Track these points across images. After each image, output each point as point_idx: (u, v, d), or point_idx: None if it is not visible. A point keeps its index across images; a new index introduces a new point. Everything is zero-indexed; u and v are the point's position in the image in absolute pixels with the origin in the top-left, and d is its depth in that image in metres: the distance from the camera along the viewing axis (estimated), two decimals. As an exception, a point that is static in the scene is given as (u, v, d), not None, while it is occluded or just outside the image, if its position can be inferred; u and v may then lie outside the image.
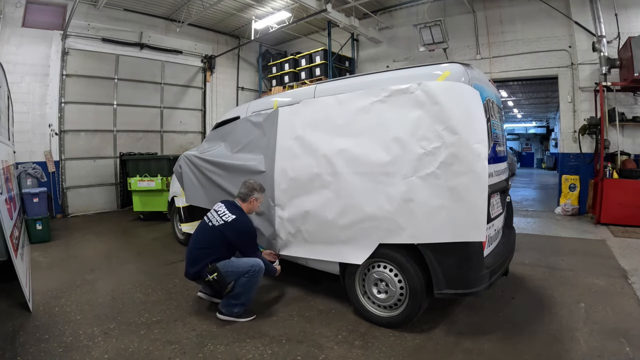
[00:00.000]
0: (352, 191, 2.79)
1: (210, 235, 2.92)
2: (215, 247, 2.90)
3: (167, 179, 6.61)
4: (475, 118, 2.38)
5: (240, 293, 2.86)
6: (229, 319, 2.86)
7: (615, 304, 3.11)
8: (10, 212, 3.76)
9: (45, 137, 7.45)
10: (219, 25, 9.90)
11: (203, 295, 3.27)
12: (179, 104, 9.63)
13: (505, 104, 16.04)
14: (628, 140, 6.68)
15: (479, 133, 2.34)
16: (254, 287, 2.93)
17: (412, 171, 2.50)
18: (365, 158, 2.73)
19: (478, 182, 2.29)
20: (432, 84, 2.49)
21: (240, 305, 2.88)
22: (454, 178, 2.34)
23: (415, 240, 2.54)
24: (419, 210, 2.47)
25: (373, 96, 2.74)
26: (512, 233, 3.46)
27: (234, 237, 2.90)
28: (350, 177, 2.81)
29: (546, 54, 7.36)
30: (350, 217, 2.81)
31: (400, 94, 2.61)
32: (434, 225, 2.42)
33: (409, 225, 2.51)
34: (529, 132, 25.31)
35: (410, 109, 2.54)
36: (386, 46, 9.33)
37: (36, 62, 7.24)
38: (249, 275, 2.86)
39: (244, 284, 2.86)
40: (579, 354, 2.38)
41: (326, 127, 2.99)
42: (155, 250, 5.13)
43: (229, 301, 2.90)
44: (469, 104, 2.41)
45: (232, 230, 2.89)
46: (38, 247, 5.20)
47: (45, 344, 2.54)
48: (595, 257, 4.46)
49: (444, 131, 2.38)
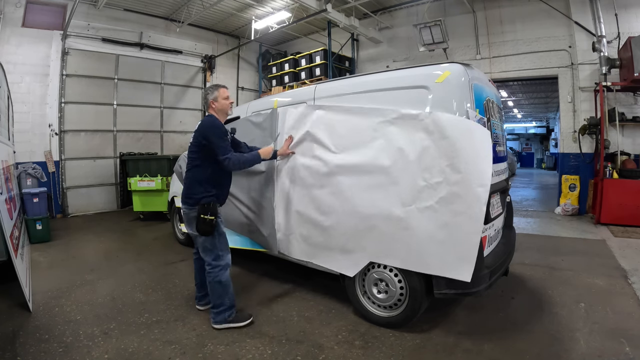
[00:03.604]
0: (349, 204, 2.78)
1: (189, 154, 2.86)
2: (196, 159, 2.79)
3: (167, 179, 6.61)
4: (482, 159, 2.30)
5: (218, 303, 2.75)
6: (225, 326, 2.76)
7: (615, 304, 3.11)
8: (10, 212, 3.77)
9: (45, 137, 7.45)
10: (219, 25, 9.90)
11: (202, 307, 3.12)
12: (179, 104, 9.63)
13: (505, 104, 16.05)
14: (628, 140, 6.68)
15: (483, 176, 2.26)
16: (226, 288, 2.78)
17: (411, 200, 2.47)
18: (366, 174, 2.70)
19: (474, 224, 2.27)
20: (444, 116, 2.40)
21: (228, 308, 2.77)
22: (451, 216, 2.32)
23: (404, 265, 2.56)
24: (412, 239, 2.48)
25: (381, 116, 2.66)
26: (512, 233, 3.46)
27: (201, 137, 2.73)
28: (349, 190, 2.79)
29: (546, 54, 7.36)
30: (345, 228, 2.82)
31: (409, 118, 2.53)
32: (425, 256, 2.44)
33: (401, 250, 2.54)
34: (529, 132, 25.33)
35: (417, 136, 2.47)
36: (386, 46, 9.34)
37: (36, 62, 7.24)
38: (211, 277, 2.75)
39: (213, 290, 2.76)
40: (579, 354, 2.38)
41: (328, 136, 2.95)
42: (155, 250, 5.13)
43: (215, 311, 2.78)
44: (477, 143, 2.34)
45: (199, 131, 2.77)
46: (38, 247, 5.20)
47: (45, 344, 2.54)
48: (595, 257, 4.46)
49: (448, 168, 2.33)
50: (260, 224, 3.48)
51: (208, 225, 2.67)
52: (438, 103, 2.53)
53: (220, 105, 2.90)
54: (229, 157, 2.73)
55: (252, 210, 3.57)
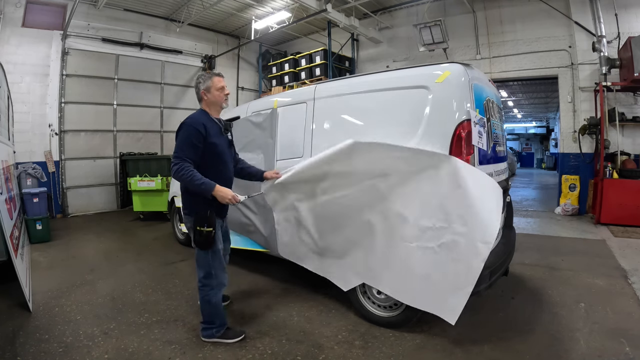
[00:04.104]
0: (349, 229, 2.74)
1: None
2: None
3: (167, 179, 6.62)
4: (489, 215, 2.28)
5: (207, 320, 2.58)
6: (214, 340, 2.57)
7: (615, 304, 3.11)
8: (10, 212, 3.77)
9: (45, 137, 7.45)
10: (219, 25, 9.90)
11: None
12: (179, 104, 9.64)
13: (505, 104, 16.05)
14: (628, 140, 6.68)
15: (488, 232, 2.22)
16: (215, 309, 2.56)
17: (412, 238, 2.44)
18: (371, 206, 2.63)
19: (468, 275, 2.25)
20: (462, 164, 2.35)
21: (217, 326, 2.58)
22: (449, 261, 2.31)
23: (394, 295, 2.58)
24: (407, 273, 2.47)
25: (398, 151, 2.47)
26: (512, 233, 3.45)
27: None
28: (348, 214, 2.74)
29: (546, 54, 7.36)
30: (342, 241, 2.80)
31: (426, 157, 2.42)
32: (416, 291, 2.45)
33: (394, 280, 2.55)
34: (529, 132, 25.33)
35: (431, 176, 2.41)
36: (386, 46, 9.33)
37: (36, 62, 7.24)
38: (200, 295, 2.56)
39: (202, 307, 2.60)
40: (579, 354, 2.38)
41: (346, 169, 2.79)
42: (155, 250, 5.13)
43: (204, 326, 2.61)
44: (489, 199, 2.34)
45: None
46: (38, 247, 5.20)
47: (45, 344, 2.53)
48: (595, 257, 4.46)
49: (455, 217, 2.29)
50: (260, 224, 3.48)
51: (204, 238, 2.39)
52: (438, 103, 2.54)
53: (212, 97, 2.53)
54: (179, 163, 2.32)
55: (252, 210, 3.57)
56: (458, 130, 2.45)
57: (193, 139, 2.37)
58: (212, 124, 2.53)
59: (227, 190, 2.42)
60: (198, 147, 2.39)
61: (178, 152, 2.35)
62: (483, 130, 2.59)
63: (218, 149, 2.51)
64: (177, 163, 2.33)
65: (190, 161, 2.36)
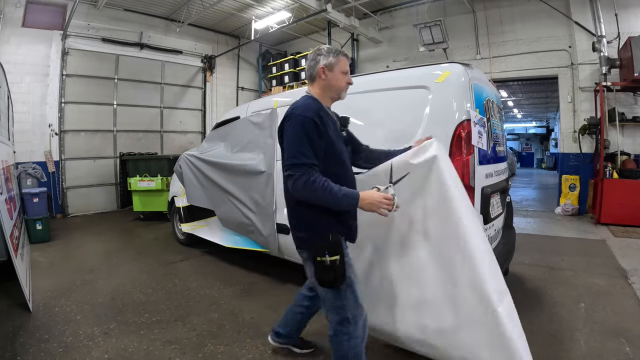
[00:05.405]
0: None
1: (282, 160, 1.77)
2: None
3: (167, 179, 6.61)
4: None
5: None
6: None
7: (615, 304, 3.11)
8: (10, 212, 3.77)
9: (45, 137, 7.44)
10: (219, 25, 9.90)
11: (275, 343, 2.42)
12: (179, 104, 9.62)
13: (505, 104, 16.05)
14: (628, 140, 6.68)
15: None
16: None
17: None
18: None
19: None
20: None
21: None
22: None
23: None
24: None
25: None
26: (512, 233, 3.45)
27: (280, 129, 1.81)
28: None
29: (546, 54, 7.36)
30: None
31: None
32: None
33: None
34: (529, 132, 25.32)
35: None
36: (386, 46, 9.33)
37: (36, 62, 7.23)
38: (333, 344, 1.86)
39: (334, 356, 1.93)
40: (579, 354, 2.38)
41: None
42: (155, 250, 5.13)
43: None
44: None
45: (282, 121, 1.80)
46: (38, 247, 5.19)
47: (45, 344, 2.53)
48: (595, 257, 4.46)
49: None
50: (260, 224, 3.48)
51: (329, 271, 1.70)
52: (438, 103, 2.53)
53: (334, 79, 1.87)
54: (306, 172, 1.62)
55: (252, 210, 3.57)
56: (458, 130, 2.44)
57: (313, 135, 1.67)
58: (327, 115, 1.85)
59: (374, 193, 1.69)
60: (319, 145, 1.70)
61: (297, 156, 1.64)
62: (483, 130, 2.59)
63: (336, 147, 1.82)
64: (302, 173, 1.62)
65: (317, 167, 1.67)
